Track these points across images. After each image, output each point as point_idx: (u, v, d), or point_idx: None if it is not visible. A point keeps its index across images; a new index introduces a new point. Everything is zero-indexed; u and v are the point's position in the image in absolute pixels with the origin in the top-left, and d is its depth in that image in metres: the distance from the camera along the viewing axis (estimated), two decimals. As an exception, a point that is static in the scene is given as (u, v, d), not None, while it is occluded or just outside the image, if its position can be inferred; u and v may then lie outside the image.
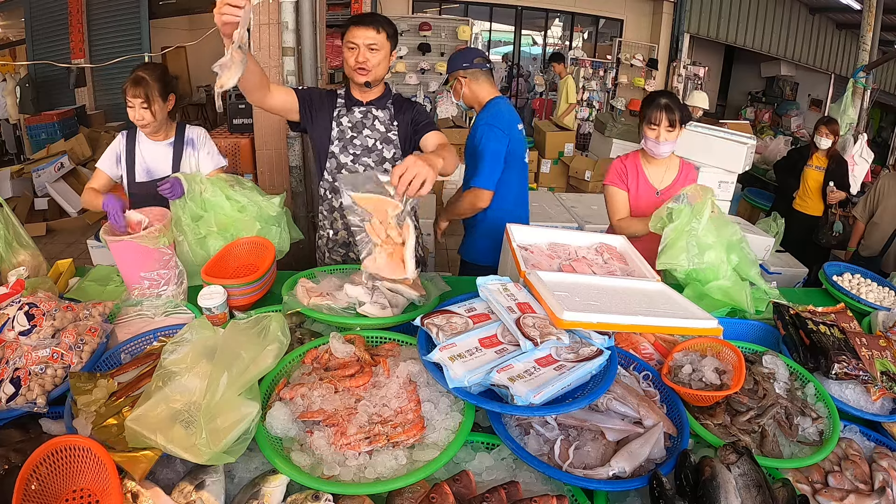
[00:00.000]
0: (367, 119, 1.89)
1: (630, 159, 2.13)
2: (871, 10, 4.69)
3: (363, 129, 1.88)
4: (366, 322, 1.38)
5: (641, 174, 2.10)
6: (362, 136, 1.88)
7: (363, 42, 1.74)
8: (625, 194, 2.11)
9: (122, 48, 5.91)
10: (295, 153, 2.99)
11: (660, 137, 1.96)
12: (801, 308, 1.67)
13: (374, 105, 1.90)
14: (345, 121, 1.89)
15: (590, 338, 1.21)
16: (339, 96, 1.91)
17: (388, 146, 1.90)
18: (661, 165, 2.10)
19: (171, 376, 1.07)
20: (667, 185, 2.10)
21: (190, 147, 2.07)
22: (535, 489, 1.03)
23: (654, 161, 2.08)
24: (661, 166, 2.10)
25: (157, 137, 2.04)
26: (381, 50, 1.76)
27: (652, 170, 2.10)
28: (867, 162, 4.34)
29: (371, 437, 1.03)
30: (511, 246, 1.63)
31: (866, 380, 1.35)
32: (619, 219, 2.10)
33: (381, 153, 1.89)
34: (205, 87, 8.77)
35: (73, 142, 5.64)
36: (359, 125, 1.88)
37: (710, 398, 1.23)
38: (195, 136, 2.09)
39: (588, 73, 8.07)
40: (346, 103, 1.90)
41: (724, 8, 7.70)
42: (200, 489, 0.93)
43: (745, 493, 0.96)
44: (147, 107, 1.91)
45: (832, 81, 7.94)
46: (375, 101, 1.90)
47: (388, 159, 1.90)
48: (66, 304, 1.39)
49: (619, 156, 2.17)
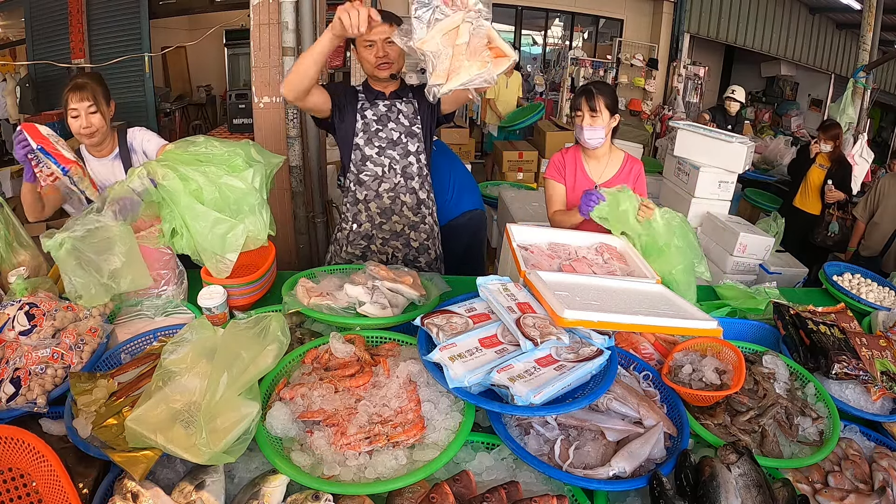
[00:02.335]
0: (392, 112, 1.91)
1: (570, 152, 2.09)
2: (871, 10, 4.68)
3: (388, 123, 1.91)
4: (366, 322, 1.38)
5: (580, 167, 2.06)
6: (387, 129, 1.91)
7: (379, 38, 1.76)
8: (562, 187, 2.07)
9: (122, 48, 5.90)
10: (295, 153, 2.99)
11: (583, 122, 1.92)
12: (802, 308, 1.67)
13: (398, 98, 1.92)
14: (369, 114, 1.90)
15: (590, 338, 1.21)
16: (358, 91, 1.93)
17: (412, 139, 1.92)
18: (602, 158, 2.04)
19: (171, 376, 1.07)
20: (608, 178, 2.04)
21: (134, 154, 1.99)
22: (535, 489, 1.03)
23: (593, 153, 2.03)
24: (601, 159, 2.04)
25: (102, 152, 1.95)
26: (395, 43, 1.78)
27: (592, 163, 2.05)
28: (867, 162, 4.34)
29: (371, 437, 1.03)
30: (511, 246, 1.63)
31: (866, 380, 1.35)
32: (553, 211, 2.08)
33: (405, 146, 1.92)
34: (205, 87, 8.78)
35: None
36: (384, 118, 1.91)
37: (710, 398, 1.23)
38: (135, 139, 1.99)
39: (588, 73, 8.07)
40: (367, 97, 1.92)
41: (724, 8, 7.69)
42: (200, 489, 0.93)
43: (745, 493, 0.96)
44: (96, 110, 1.83)
45: (832, 81, 7.94)
46: (397, 92, 1.92)
47: (413, 152, 1.93)
48: (66, 304, 1.39)
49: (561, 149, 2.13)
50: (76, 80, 1.84)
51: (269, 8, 2.85)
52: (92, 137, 1.88)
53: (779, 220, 3.23)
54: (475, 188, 2.74)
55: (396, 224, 1.98)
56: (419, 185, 1.96)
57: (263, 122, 3.08)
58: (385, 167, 1.92)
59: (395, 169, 1.92)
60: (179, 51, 7.85)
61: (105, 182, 1.96)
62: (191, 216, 1.47)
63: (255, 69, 2.97)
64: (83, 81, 1.83)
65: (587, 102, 1.90)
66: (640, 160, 2.07)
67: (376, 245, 2.00)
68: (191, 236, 1.49)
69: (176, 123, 7.92)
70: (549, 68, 8.52)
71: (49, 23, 6.05)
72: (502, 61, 1.32)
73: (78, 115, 1.82)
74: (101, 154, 1.95)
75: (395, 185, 1.94)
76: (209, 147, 1.53)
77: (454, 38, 1.27)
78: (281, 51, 2.82)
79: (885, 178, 3.26)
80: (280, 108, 2.99)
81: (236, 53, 7.68)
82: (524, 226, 1.82)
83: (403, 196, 1.95)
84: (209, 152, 1.52)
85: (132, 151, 1.98)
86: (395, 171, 1.93)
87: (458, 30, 1.27)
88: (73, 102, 1.81)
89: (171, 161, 1.49)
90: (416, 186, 1.96)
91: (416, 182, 1.95)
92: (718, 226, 3.03)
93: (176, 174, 1.46)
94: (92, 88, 1.82)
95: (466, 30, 1.26)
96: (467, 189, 2.59)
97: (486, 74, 1.29)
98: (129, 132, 2.00)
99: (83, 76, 1.89)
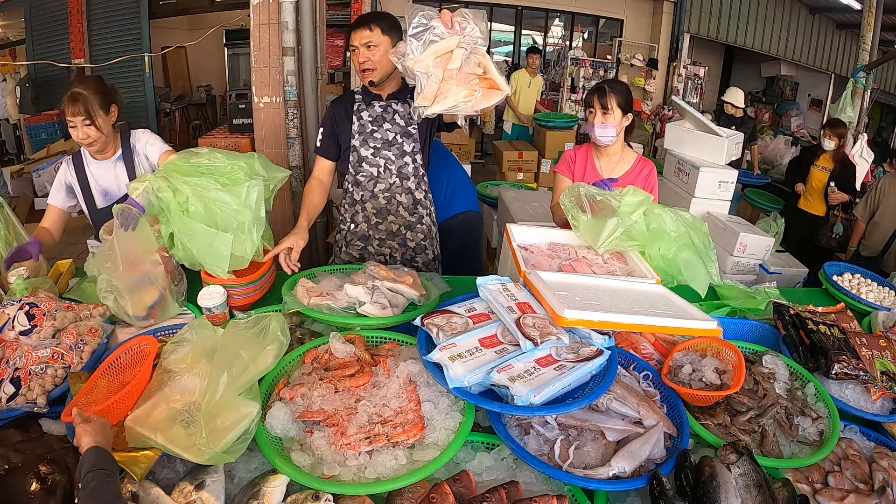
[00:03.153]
0: (388, 113, 1.91)
1: (582, 149, 2.09)
2: (871, 10, 4.68)
3: (383, 123, 1.91)
4: (366, 322, 1.38)
5: (590, 164, 2.05)
6: (382, 130, 1.91)
7: (360, 42, 1.77)
8: (568, 181, 2.06)
9: (122, 48, 5.90)
10: (295, 153, 2.99)
11: (595, 120, 1.92)
12: (802, 308, 1.67)
13: (394, 99, 1.91)
14: (365, 115, 1.91)
15: (590, 338, 1.21)
16: (356, 93, 1.94)
17: (408, 140, 1.92)
18: (613, 156, 2.03)
19: (171, 376, 1.07)
20: (617, 176, 2.03)
21: (137, 155, 1.96)
22: (535, 489, 1.03)
23: (604, 151, 2.02)
24: (612, 157, 2.03)
25: (105, 156, 1.92)
26: (380, 45, 1.77)
27: (603, 159, 2.04)
28: (867, 162, 4.33)
29: (371, 437, 1.03)
30: (511, 246, 1.63)
31: (866, 380, 1.35)
32: (556, 203, 2.06)
33: (401, 146, 1.92)
34: (205, 87, 8.77)
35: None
36: (379, 119, 1.91)
37: (710, 398, 1.23)
38: (138, 142, 1.96)
39: (588, 73, 8.06)
40: (364, 98, 1.92)
41: (724, 8, 7.69)
42: (200, 489, 0.93)
43: (745, 493, 0.96)
44: (90, 122, 1.78)
45: (832, 81, 7.93)
46: (395, 94, 1.91)
47: (409, 153, 1.92)
48: (66, 305, 1.39)
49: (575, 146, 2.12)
50: (71, 91, 1.78)
51: (269, 8, 2.85)
52: (91, 147, 1.86)
53: (779, 220, 3.23)
54: (471, 190, 2.70)
55: (392, 224, 1.98)
56: (415, 186, 1.96)
57: (263, 122, 3.08)
58: (381, 167, 1.92)
59: (391, 169, 1.93)
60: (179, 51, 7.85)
61: (107, 186, 1.94)
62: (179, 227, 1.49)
63: (255, 69, 2.97)
64: (77, 92, 1.78)
65: (599, 100, 1.90)
66: (652, 162, 2.07)
67: (373, 246, 2.01)
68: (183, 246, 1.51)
69: (176, 123, 7.92)
70: (549, 68, 8.52)
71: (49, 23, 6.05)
72: (494, 94, 1.31)
73: (74, 125, 1.79)
74: (103, 157, 1.93)
75: (390, 185, 1.94)
76: (212, 159, 1.53)
77: (446, 61, 1.27)
78: (281, 51, 2.82)
79: (884, 178, 3.26)
80: (280, 108, 2.99)
81: (236, 53, 7.69)
82: (524, 226, 1.82)
83: (399, 196, 1.95)
84: (212, 164, 1.53)
85: (135, 153, 1.96)
86: (390, 172, 1.93)
87: (451, 54, 1.26)
88: (68, 115, 1.78)
89: (170, 172, 1.51)
90: (413, 186, 1.95)
91: (412, 182, 1.95)
92: (718, 226, 3.03)
93: (168, 186, 1.48)
94: (84, 101, 1.77)
95: (460, 55, 1.26)
96: (462, 190, 2.56)
97: (474, 103, 1.28)
98: (132, 134, 1.97)
99: (79, 85, 1.81)
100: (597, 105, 1.91)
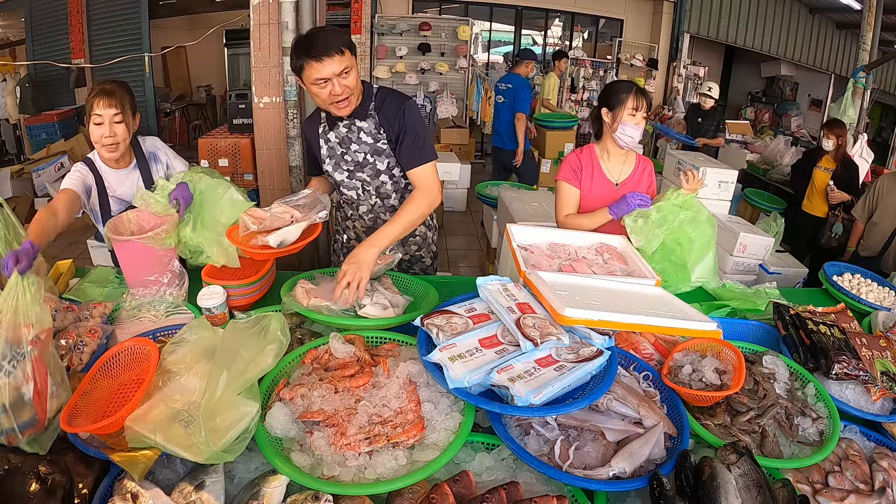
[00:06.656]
0: (353, 133, 1.75)
1: (585, 153, 2.00)
2: (871, 10, 4.68)
3: (350, 144, 1.76)
4: (365, 323, 1.38)
5: (597, 168, 1.99)
6: (351, 152, 1.77)
7: (334, 72, 1.52)
8: (577, 192, 1.99)
9: (122, 48, 5.91)
10: (295, 153, 2.99)
11: (630, 121, 1.86)
12: (802, 308, 1.67)
13: (357, 116, 1.72)
14: (332, 136, 1.78)
15: (590, 338, 1.21)
16: (322, 114, 1.79)
17: (379, 158, 1.77)
18: (620, 158, 1.99)
19: (170, 376, 1.07)
20: (625, 177, 2.00)
21: (153, 161, 1.91)
22: (535, 489, 1.02)
23: (613, 153, 1.97)
24: (619, 159, 1.99)
25: (120, 164, 1.83)
26: (353, 68, 1.58)
27: (611, 163, 1.99)
28: (867, 162, 4.34)
29: (371, 437, 1.03)
30: (511, 246, 1.63)
31: (866, 380, 1.35)
32: (565, 215, 1.99)
33: (374, 166, 1.78)
34: (205, 87, 8.78)
35: (73, 142, 5.64)
36: (345, 140, 1.76)
37: (711, 398, 1.23)
38: (153, 148, 1.91)
39: (588, 73, 8.07)
40: (327, 119, 1.77)
41: (724, 8, 7.70)
42: (200, 489, 0.93)
43: (746, 494, 0.96)
44: (121, 120, 1.71)
45: (832, 81, 7.93)
46: (356, 112, 1.70)
47: (383, 171, 1.79)
48: (66, 305, 1.39)
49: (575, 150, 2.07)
50: (104, 86, 1.71)
51: (269, 8, 2.85)
52: (113, 150, 1.75)
53: (779, 220, 3.23)
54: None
55: None
56: (398, 202, 1.86)
57: (263, 122, 3.08)
58: (359, 190, 1.83)
59: (369, 191, 1.83)
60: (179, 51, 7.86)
61: (122, 194, 1.86)
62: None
63: (255, 69, 2.97)
64: (112, 87, 1.70)
65: (635, 100, 1.83)
66: (649, 159, 2.06)
67: None
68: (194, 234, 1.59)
69: (176, 123, 7.94)
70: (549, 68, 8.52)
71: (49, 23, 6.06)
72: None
73: (102, 122, 1.69)
74: (118, 165, 1.84)
75: (372, 206, 1.86)
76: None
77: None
78: (281, 51, 2.82)
79: (883, 178, 3.25)
80: (280, 108, 3.00)
81: (236, 53, 7.70)
82: (524, 226, 1.82)
83: (384, 215, 1.87)
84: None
85: (150, 160, 1.90)
86: (369, 193, 1.84)
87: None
88: (98, 108, 1.68)
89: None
90: (396, 203, 1.86)
91: (394, 199, 1.86)
92: (718, 226, 3.03)
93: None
94: (121, 97, 1.70)
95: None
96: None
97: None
98: (143, 141, 1.91)
99: (112, 82, 1.74)
100: (630, 104, 1.84)
